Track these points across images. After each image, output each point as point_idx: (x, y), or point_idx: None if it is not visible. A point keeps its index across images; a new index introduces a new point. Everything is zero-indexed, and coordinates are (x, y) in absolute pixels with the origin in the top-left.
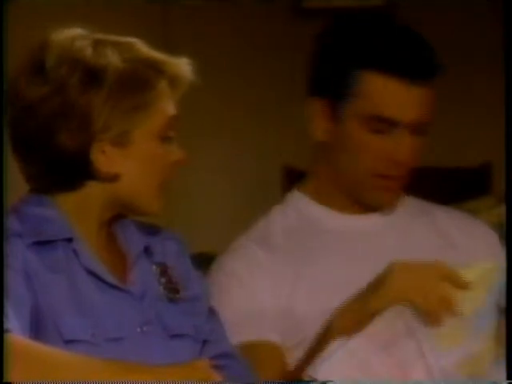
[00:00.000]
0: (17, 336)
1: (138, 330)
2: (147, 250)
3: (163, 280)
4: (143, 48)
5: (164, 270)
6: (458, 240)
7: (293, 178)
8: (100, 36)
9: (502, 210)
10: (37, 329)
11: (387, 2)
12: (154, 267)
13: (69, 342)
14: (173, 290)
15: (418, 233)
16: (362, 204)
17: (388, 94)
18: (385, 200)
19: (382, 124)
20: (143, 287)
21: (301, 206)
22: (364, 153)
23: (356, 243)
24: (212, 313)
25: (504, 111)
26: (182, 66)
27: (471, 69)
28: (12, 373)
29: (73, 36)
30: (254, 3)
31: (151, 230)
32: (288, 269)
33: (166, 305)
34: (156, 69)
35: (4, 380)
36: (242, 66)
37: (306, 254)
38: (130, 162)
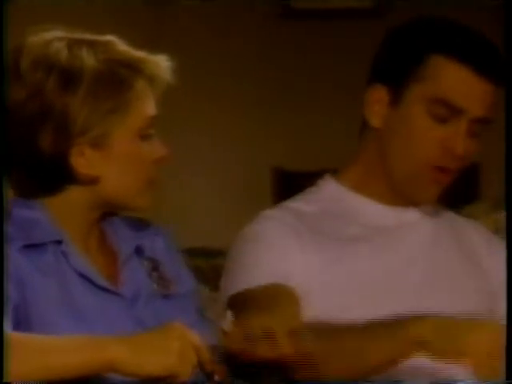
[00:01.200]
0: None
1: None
2: (138, 249)
3: (155, 274)
4: (120, 47)
5: (155, 265)
6: (478, 250)
7: (282, 179)
8: (76, 36)
9: (498, 215)
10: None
11: (376, 4)
12: (145, 263)
13: None
14: (165, 285)
15: (445, 236)
16: (402, 196)
17: (459, 81)
18: (431, 193)
19: (446, 110)
20: (135, 287)
21: (336, 194)
22: (422, 140)
23: (391, 235)
24: (200, 311)
25: (501, 112)
26: (161, 63)
27: None
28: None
29: (48, 39)
30: (243, 4)
31: (140, 225)
32: (319, 250)
33: (161, 302)
34: (134, 68)
35: (4, 380)
36: (231, 67)
37: (339, 242)
38: (110, 163)
